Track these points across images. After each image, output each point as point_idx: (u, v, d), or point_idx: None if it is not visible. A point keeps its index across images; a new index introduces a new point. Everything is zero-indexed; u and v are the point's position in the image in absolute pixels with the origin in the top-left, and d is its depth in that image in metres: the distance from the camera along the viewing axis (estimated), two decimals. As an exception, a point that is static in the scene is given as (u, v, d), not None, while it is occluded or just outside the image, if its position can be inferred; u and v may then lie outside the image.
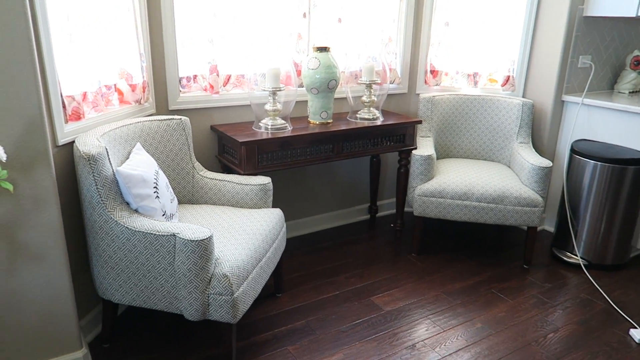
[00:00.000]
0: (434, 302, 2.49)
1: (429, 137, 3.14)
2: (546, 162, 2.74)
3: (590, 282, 2.72)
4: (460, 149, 3.26)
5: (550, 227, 3.35)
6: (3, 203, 1.60)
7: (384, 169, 3.48)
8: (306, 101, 2.87)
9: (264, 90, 2.54)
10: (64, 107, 1.85)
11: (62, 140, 1.84)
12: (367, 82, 2.87)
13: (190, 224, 1.82)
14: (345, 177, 3.32)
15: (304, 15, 2.79)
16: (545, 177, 2.73)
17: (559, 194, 3.21)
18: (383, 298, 2.52)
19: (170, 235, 1.75)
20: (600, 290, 2.64)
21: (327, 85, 2.65)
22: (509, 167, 3.11)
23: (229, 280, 1.77)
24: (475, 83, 3.29)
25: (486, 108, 3.18)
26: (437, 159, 3.24)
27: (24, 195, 1.62)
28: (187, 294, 1.78)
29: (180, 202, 2.37)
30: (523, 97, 3.23)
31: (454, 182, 2.79)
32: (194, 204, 2.39)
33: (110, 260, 1.85)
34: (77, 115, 1.93)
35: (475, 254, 3.01)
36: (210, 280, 1.78)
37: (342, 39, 2.96)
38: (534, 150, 3.01)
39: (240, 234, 2.03)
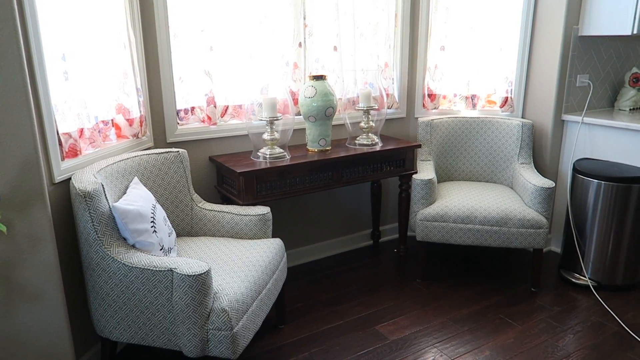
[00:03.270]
0: (440, 330, 2.43)
1: (429, 160, 3.13)
2: (549, 183, 2.71)
3: (600, 304, 2.65)
4: (462, 171, 3.24)
5: (557, 248, 3.29)
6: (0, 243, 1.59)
7: (386, 194, 3.46)
8: (304, 129, 2.88)
9: (261, 119, 2.54)
10: (60, 144, 1.86)
11: (58, 178, 1.84)
12: (365, 108, 2.88)
13: (188, 258, 1.79)
14: (346, 203, 3.30)
15: (300, 44, 2.82)
16: (548, 197, 2.70)
17: (564, 215, 3.16)
18: (388, 327, 2.47)
19: (168, 270, 1.73)
20: (612, 312, 2.57)
21: (324, 113, 2.66)
22: (512, 188, 3.08)
23: (228, 315, 1.74)
24: (474, 105, 3.29)
25: (485, 130, 3.17)
26: (438, 182, 3.22)
27: (20, 235, 1.62)
28: (186, 330, 1.74)
29: (179, 235, 2.35)
30: (522, 117, 3.22)
31: (456, 205, 2.76)
32: (193, 236, 2.37)
33: (107, 297, 1.82)
34: (74, 152, 1.94)
35: (481, 278, 2.95)
36: (209, 316, 1.75)
37: (338, 66, 2.99)
38: (535, 170, 2.99)
39: (239, 266, 2.00)
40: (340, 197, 3.26)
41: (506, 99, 3.20)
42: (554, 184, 2.70)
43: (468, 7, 3.13)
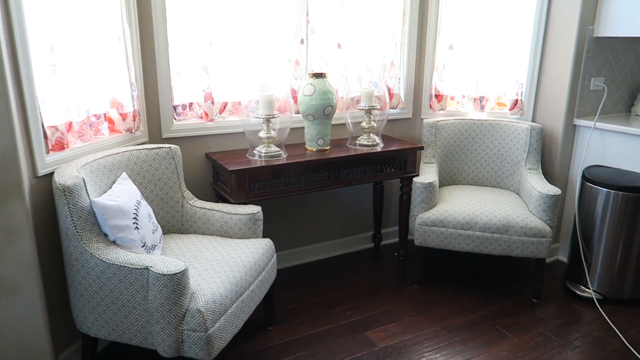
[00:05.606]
0: (432, 339, 2.36)
1: (432, 163, 3.04)
2: (554, 190, 2.60)
3: (604, 319, 2.53)
4: (467, 175, 3.14)
5: (565, 258, 3.16)
6: (-25, 235, 1.59)
7: (389, 196, 3.39)
8: (304, 128, 2.83)
9: (257, 117, 2.51)
10: (45, 137, 1.85)
11: (42, 171, 1.83)
12: (366, 108, 2.81)
13: (166, 257, 1.77)
14: (348, 205, 3.24)
15: (302, 41, 2.77)
16: (553, 205, 2.59)
17: (572, 224, 3.03)
18: (379, 333, 2.41)
19: (144, 268, 1.71)
20: (614, 327, 2.45)
21: (322, 112, 2.60)
22: (518, 194, 2.97)
23: (203, 316, 1.71)
24: (482, 107, 3.18)
25: (493, 133, 3.06)
26: (443, 185, 3.13)
27: (-4, 228, 1.62)
28: (160, 330, 1.72)
29: (169, 232, 2.34)
30: (532, 121, 3.10)
31: (456, 210, 2.67)
32: (184, 233, 2.35)
33: (86, 292, 1.81)
34: (61, 146, 1.93)
35: (482, 286, 2.86)
36: (184, 316, 1.72)
37: (342, 64, 2.92)
38: (542, 177, 2.87)
39: (222, 266, 1.97)
40: (342, 197, 3.20)
41: (516, 101, 3.09)
42: (560, 192, 2.58)
43: (479, 5, 3.02)
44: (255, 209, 2.30)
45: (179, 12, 2.42)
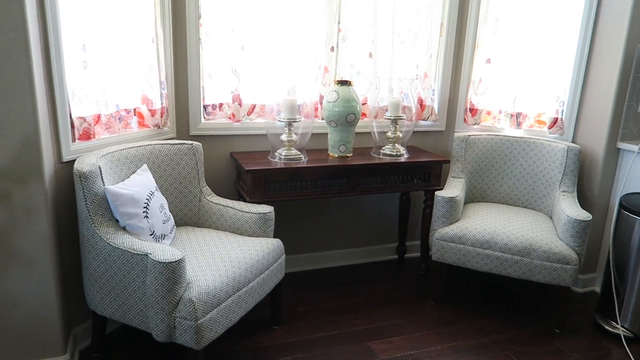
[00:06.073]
0: (434, 358, 2.29)
1: (460, 178, 2.96)
2: (584, 215, 2.45)
3: (629, 359, 2.34)
4: (498, 193, 3.03)
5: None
6: (-1, 210, 1.76)
7: (417, 208, 3.33)
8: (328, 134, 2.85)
9: (280, 120, 2.57)
10: (72, 127, 2.01)
11: (67, 157, 2.00)
12: (392, 118, 2.80)
13: (166, 246, 1.86)
14: (372, 213, 3.22)
15: (332, 49, 2.81)
16: (582, 231, 2.44)
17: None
18: (381, 344, 2.37)
19: (143, 254, 1.81)
20: (640, 369, 2.26)
21: (345, 119, 2.62)
22: (550, 217, 2.82)
23: (195, 305, 1.78)
24: (519, 124, 3.06)
25: (528, 151, 2.94)
26: (471, 202, 3.03)
27: (17, 206, 1.78)
28: (154, 314, 1.81)
29: (186, 224, 2.45)
30: (572, 141, 2.94)
31: (476, 228, 2.59)
32: (200, 226, 2.45)
33: (94, 272, 1.95)
34: (87, 135, 2.09)
35: (503, 309, 2.74)
36: (177, 304, 1.80)
37: (372, 73, 2.93)
38: (576, 201, 2.71)
39: (224, 260, 2.04)
40: (367, 206, 3.19)
41: (555, 119, 2.94)
42: (590, 217, 2.43)
43: (520, 20, 2.92)
44: (267, 208, 2.36)
45: (212, 18, 2.54)
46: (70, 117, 2.00)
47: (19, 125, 1.72)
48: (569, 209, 2.55)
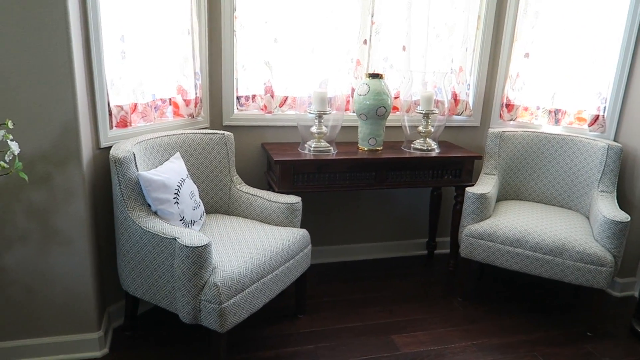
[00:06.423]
0: (458, 354, 2.27)
1: (493, 175, 2.90)
2: (622, 216, 2.36)
3: (665, 367, 2.25)
4: (533, 191, 2.95)
5: None
6: (41, 192, 1.87)
7: (448, 204, 3.28)
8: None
9: (310, 113, 2.60)
10: (110, 115, 2.11)
11: (104, 144, 2.09)
12: (424, 112, 2.77)
13: (194, 232, 1.93)
14: (403, 208, 3.21)
15: (365, 42, 2.80)
16: (619, 233, 2.35)
17: (651, 257, 2.72)
18: (404, 338, 2.37)
19: (172, 238, 1.88)
20: (676, 379, 2.16)
21: (375, 112, 2.62)
22: (587, 218, 2.73)
23: (219, 289, 1.83)
24: (557, 121, 2.96)
25: (566, 149, 2.84)
26: (504, 199, 2.97)
27: (57, 187, 1.89)
28: (181, 297, 1.88)
29: (216, 212, 2.52)
30: (614, 140, 2.82)
31: (507, 225, 2.53)
32: (230, 214, 2.52)
33: (127, 254, 2.04)
34: (124, 123, 2.18)
35: (533, 309, 2.67)
36: (203, 287, 1.86)
37: (406, 66, 2.90)
38: (615, 201, 2.61)
39: (250, 247, 2.09)
40: (396, 200, 3.18)
41: (596, 117, 2.83)
42: (629, 218, 2.33)
43: (561, 13, 2.82)
44: (294, 199, 2.40)
45: (246, 10, 2.59)
46: (109, 105, 2.10)
47: (59, 113, 1.82)
48: (607, 209, 2.46)
